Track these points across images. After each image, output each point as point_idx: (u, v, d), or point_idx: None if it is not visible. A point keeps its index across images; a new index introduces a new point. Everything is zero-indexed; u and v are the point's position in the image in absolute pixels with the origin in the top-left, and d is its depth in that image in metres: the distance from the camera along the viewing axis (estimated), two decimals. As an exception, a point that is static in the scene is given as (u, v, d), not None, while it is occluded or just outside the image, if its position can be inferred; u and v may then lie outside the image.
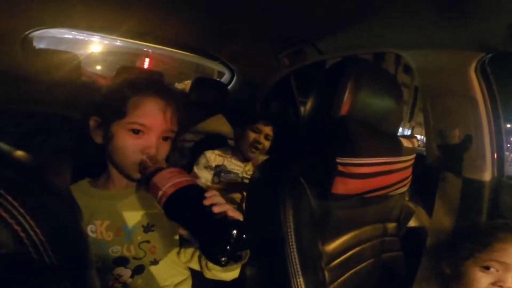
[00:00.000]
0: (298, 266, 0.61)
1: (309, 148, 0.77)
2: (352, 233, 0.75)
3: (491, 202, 0.94)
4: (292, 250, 0.61)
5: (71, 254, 0.24)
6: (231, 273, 0.63)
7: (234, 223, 0.49)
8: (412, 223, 0.91)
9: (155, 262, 0.65)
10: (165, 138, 0.65)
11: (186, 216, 0.51)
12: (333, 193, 0.65)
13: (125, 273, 0.62)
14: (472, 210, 0.93)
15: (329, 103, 0.70)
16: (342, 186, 0.65)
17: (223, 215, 0.49)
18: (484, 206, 0.94)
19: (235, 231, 0.47)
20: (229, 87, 1.83)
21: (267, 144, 1.34)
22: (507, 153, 1.01)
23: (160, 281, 0.65)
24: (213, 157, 1.35)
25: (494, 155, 0.96)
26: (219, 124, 1.57)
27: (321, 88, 0.77)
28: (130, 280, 0.62)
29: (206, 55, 1.71)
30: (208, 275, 0.65)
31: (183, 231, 0.52)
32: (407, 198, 0.90)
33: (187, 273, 0.71)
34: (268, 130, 1.34)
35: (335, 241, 0.71)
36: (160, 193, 0.51)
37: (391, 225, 0.88)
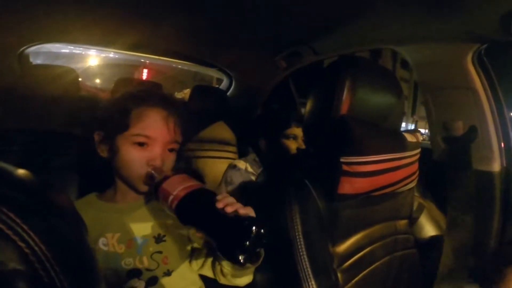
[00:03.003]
0: (309, 269, 0.60)
1: (312, 150, 0.77)
2: (363, 232, 0.74)
3: (502, 193, 0.92)
4: (302, 253, 0.60)
5: (78, 270, 0.24)
6: (245, 278, 0.63)
7: (249, 219, 0.49)
8: (423, 219, 0.89)
9: (168, 273, 0.64)
10: (170, 150, 0.65)
11: (200, 217, 0.51)
12: (339, 193, 0.64)
13: (138, 284, 0.62)
14: (484, 202, 0.91)
15: (328, 103, 0.69)
16: (348, 186, 0.64)
17: (236, 213, 0.49)
18: (496, 197, 0.93)
19: (251, 227, 0.47)
20: (228, 93, 1.83)
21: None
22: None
23: None
24: (245, 166, 1.26)
25: (501, 145, 0.95)
26: (221, 132, 1.57)
27: (319, 88, 0.77)
28: None
29: (203, 63, 1.72)
30: (223, 280, 0.65)
31: (199, 234, 0.53)
32: (416, 194, 0.89)
33: (200, 282, 0.71)
34: (300, 132, 1.21)
35: (346, 242, 0.70)
36: (171, 197, 0.52)
37: (402, 222, 0.86)
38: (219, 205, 0.49)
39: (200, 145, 1.49)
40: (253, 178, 1.14)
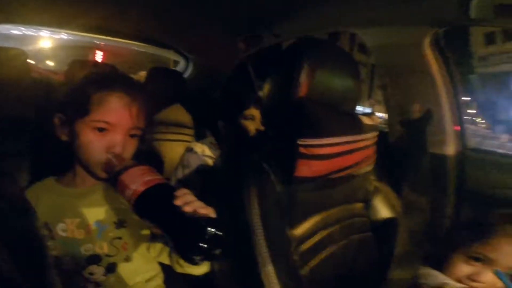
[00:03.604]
0: (267, 254, 0.59)
1: (271, 132, 0.76)
2: (320, 215, 0.75)
3: (457, 176, 0.96)
4: (259, 238, 0.60)
5: (26, 257, 0.24)
6: (202, 268, 0.64)
7: (207, 220, 0.48)
8: (379, 202, 0.90)
9: (127, 259, 0.65)
10: (132, 135, 0.63)
11: (157, 215, 0.50)
12: (297, 176, 0.63)
13: (97, 271, 0.62)
14: (439, 185, 0.95)
15: (287, 86, 0.69)
16: (306, 169, 0.63)
17: (195, 213, 0.49)
18: (450, 181, 0.97)
19: (208, 229, 0.46)
20: (185, 75, 1.79)
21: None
22: (467, 125, 1.04)
23: (132, 277, 0.66)
24: (202, 149, 1.20)
25: (455, 129, 0.98)
26: (178, 114, 1.52)
27: (277, 71, 0.76)
28: (103, 278, 0.63)
29: (160, 45, 1.67)
30: (179, 270, 0.65)
31: (156, 230, 0.53)
32: (372, 177, 0.90)
33: (158, 268, 0.71)
34: (259, 113, 1.16)
35: (303, 225, 0.70)
36: (129, 191, 0.50)
37: (359, 205, 0.87)
38: (178, 202, 0.48)
39: (156, 128, 1.44)
40: (210, 161, 1.13)
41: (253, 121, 1.15)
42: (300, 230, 0.69)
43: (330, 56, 0.74)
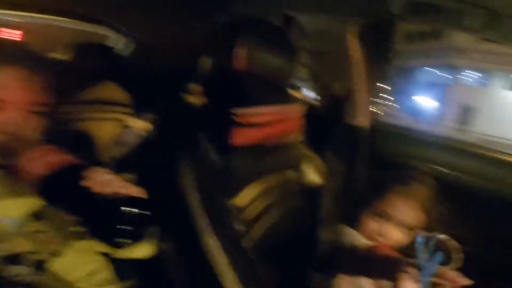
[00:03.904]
0: (207, 225, 0.60)
1: (208, 104, 0.77)
2: (258, 183, 0.78)
3: (370, 145, 1.13)
4: (197, 208, 0.60)
5: None
6: (142, 251, 0.60)
7: (128, 201, 0.44)
8: (308, 169, 1.00)
9: (57, 254, 0.58)
10: (34, 112, 0.57)
11: (66, 200, 0.46)
12: (233, 144, 0.66)
13: (22, 271, 0.55)
14: (355, 153, 1.09)
15: (224, 59, 0.70)
16: (241, 137, 0.66)
17: (115, 194, 0.44)
18: (364, 148, 1.13)
19: (124, 210, 0.44)
20: (125, 52, 1.67)
21: None
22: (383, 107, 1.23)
23: (71, 273, 0.59)
24: (139, 124, 1.18)
25: (368, 105, 1.14)
26: (110, 91, 1.42)
27: (216, 45, 0.76)
28: (33, 277, 0.55)
29: (93, 21, 1.50)
30: (118, 255, 0.61)
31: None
32: (302, 145, 0.97)
33: (100, 259, 0.64)
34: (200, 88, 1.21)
35: (243, 193, 0.73)
36: (32, 176, 0.45)
37: (292, 172, 0.93)
38: (86, 183, 0.44)
39: (85, 106, 1.33)
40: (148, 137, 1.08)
41: (197, 96, 1.16)
42: (240, 199, 0.71)
43: (267, 34, 0.77)
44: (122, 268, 0.67)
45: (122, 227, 0.44)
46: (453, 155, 1.12)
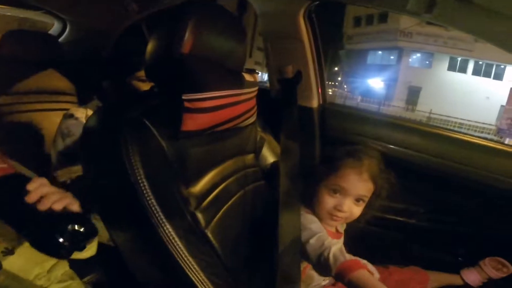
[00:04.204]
0: (161, 213, 0.58)
1: (155, 89, 0.75)
2: (215, 170, 0.78)
3: (320, 124, 1.18)
4: (149, 198, 0.57)
5: None
6: (86, 253, 0.60)
7: (64, 216, 0.45)
8: (265, 151, 1.02)
9: (9, 252, 0.55)
10: None
11: (4, 214, 0.44)
12: (183, 130, 0.64)
13: None
14: (307, 132, 1.14)
15: (170, 43, 0.67)
16: (191, 122, 0.64)
17: (51, 210, 0.45)
18: (315, 127, 1.18)
19: (65, 225, 0.44)
20: (61, 38, 1.55)
21: None
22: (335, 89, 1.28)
23: (28, 270, 0.58)
24: (85, 114, 1.07)
25: (318, 87, 1.19)
26: (52, 81, 1.33)
27: (163, 28, 0.73)
28: None
29: (27, 6, 1.42)
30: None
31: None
32: (258, 129, 1.00)
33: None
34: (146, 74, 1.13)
35: (200, 181, 0.72)
36: None
37: (250, 156, 0.95)
38: (30, 199, 0.44)
39: (24, 97, 1.23)
40: None
41: (145, 82, 1.08)
42: (198, 187, 0.70)
43: (215, 17, 0.75)
44: (82, 263, 0.66)
45: (60, 240, 0.43)
46: (396, 132, 1.19)
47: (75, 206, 0.47)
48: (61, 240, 0.44)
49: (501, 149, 1.08)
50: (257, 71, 0.93)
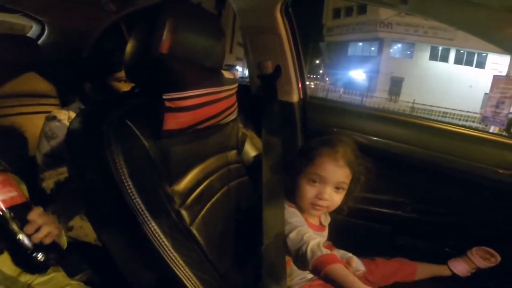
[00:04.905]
0: (146, 211, 0.59)
1: (136, 89, 0.75)
2: (198, 167, 0.79)
3: (301, 118, 1.21)
4: (133, 196, 0.59)
5: None
6: None
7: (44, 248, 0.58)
8: (247, 146, 1.04)
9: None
10: None
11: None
12: (165, 129, 0.65)
13: None
14: (289, 127, 1.16)
15: (149, 44, 0.68)
16: (172, 121, 0.65)
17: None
18: (297, 121, 1.20)
19: (37, 254, 0.57)
20: (39, 41, 1.52)
21: None
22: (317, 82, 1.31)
23: (12, 268, 0.62)
24: (67, 115, 1.08)
25: (298, 81, 1.22)
26: (33, 83, 1.31)
27: (141, 29, 0.73)
28: None
29: (3, 9, 1.38)
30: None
31: None
32: (240, 125, 1.01)
33: None
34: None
35: (184, 179, 0.73)
36: None
37: (232, 153, 0.97)
38: (29, 231, 0.56)
39: (5, 101, 1.21)
40: None
41: (127, 83, 1.10)
42: (182, 184, 0.72)
43: (193, 15, 0.76)
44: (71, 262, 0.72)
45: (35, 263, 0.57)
46: (378, 123, 1.23)
47: (57, 237, 0.57)
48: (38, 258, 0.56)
49: (484, 138, 1.11)
50: (238, 66, 0.94)
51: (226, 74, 0.83)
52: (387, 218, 1.21)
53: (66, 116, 1.07)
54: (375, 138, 1.20)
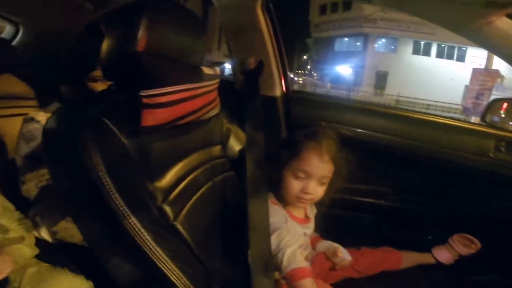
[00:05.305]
0: (125, 207, 0.59)
1: (114, 87, 0.75)
2: (181, 163, 0.79)
3: (284, 112, 1.21)
4: (112, 193, 0.59)
5: None
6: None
7: None
8: (232, 141, 1.04)
9: None
10: None
11: None
12: (143, 126, 0.65)
13: None
14: (272, 121, 1.17)
15: (125, 41, 0.68)
16: (150, 118, 0.65)
17: None
18: (280, 115, 1.21)
19: None
20: (14, 42, 1.48)
21: None
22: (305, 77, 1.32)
23: None
24: (45, 117, 1.06)
25: (280, 76, 1.22)
26: (8, 85, 1.28)
27: (117, 27, 0.73)
28: None
29: None
30: None
31: None
32: (224, 120, 1.02)
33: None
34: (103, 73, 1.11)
35: (166, 175, 0.73)
36: None
37: (217, 148, 0.97)
38: None
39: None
40: None
41: (103, 82, 1.07)
42: (165, 180, 0.71)
43: (169, 13, 0.76)
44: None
45: None
46: (361, 116, 1.26)
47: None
48: None
49: (463, 127, 1.15)
50: (226, 64, 0.94)
51: (206, 70, 0.83)
52: (372, 208, 1.24)
53: (44, 118, 1.05)
54: (358, 130, 1.22)
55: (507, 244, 1.05)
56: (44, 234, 0.99)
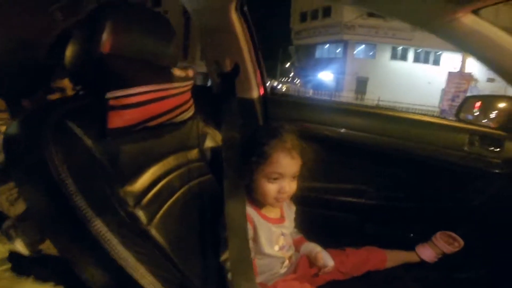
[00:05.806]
0: (89, 210, 0.58)
1: (80, 92, 0.73)
2: (154, 166, 0.77)
3: (262, 114, 1.21)
4: (76, 196, 0.57)
5: None
6: None
7: None
8: (209, 144, 1.02)
9: None
10: None
11: None
12: (110, 128, 0.64)
13: None
14: (250, 123, 1.16)
15: (89, 45, 0.67)
16: (117, 119, 0.64)
17: None
18: (258, 118, 1.21)
19: None
20: None
21: None
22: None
23: None
24: None
25: (257, 78, 1.22)
26: None
27: (81, 31, 0.72)
28: None
29: None
30: None
31: None
32: (201, 123, 1.00)
33: None
34: (69, 82, 1.07)
35: (138, 179, 0.71)
36: None
37: (193, 152, 0.96)
38: None
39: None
40: None
41: (62, 93, 1.06)
42: (137, 184, 0.70)
43: (134, 16, 0.76)
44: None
45: None
46: (339, 115, 1.28)
47: None
48: None
49: (439, 123, 1.19)
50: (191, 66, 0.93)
51: (178, 72, 0.82)
52: (354, 207, 1.25)
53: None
54: (336, 129, 1.23)
55: (488, 241, 1.07)
56: (20, 246, 0.95)
